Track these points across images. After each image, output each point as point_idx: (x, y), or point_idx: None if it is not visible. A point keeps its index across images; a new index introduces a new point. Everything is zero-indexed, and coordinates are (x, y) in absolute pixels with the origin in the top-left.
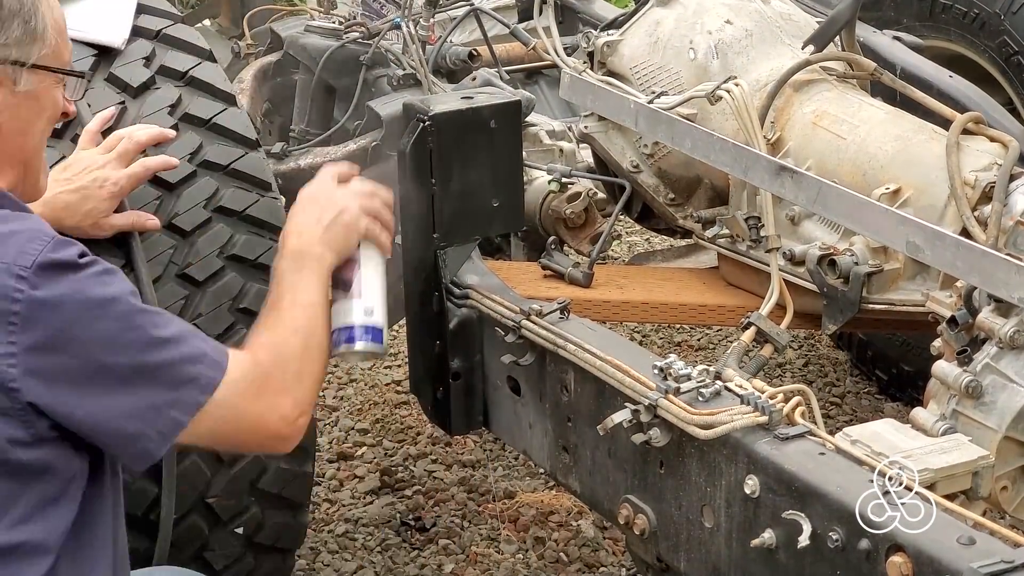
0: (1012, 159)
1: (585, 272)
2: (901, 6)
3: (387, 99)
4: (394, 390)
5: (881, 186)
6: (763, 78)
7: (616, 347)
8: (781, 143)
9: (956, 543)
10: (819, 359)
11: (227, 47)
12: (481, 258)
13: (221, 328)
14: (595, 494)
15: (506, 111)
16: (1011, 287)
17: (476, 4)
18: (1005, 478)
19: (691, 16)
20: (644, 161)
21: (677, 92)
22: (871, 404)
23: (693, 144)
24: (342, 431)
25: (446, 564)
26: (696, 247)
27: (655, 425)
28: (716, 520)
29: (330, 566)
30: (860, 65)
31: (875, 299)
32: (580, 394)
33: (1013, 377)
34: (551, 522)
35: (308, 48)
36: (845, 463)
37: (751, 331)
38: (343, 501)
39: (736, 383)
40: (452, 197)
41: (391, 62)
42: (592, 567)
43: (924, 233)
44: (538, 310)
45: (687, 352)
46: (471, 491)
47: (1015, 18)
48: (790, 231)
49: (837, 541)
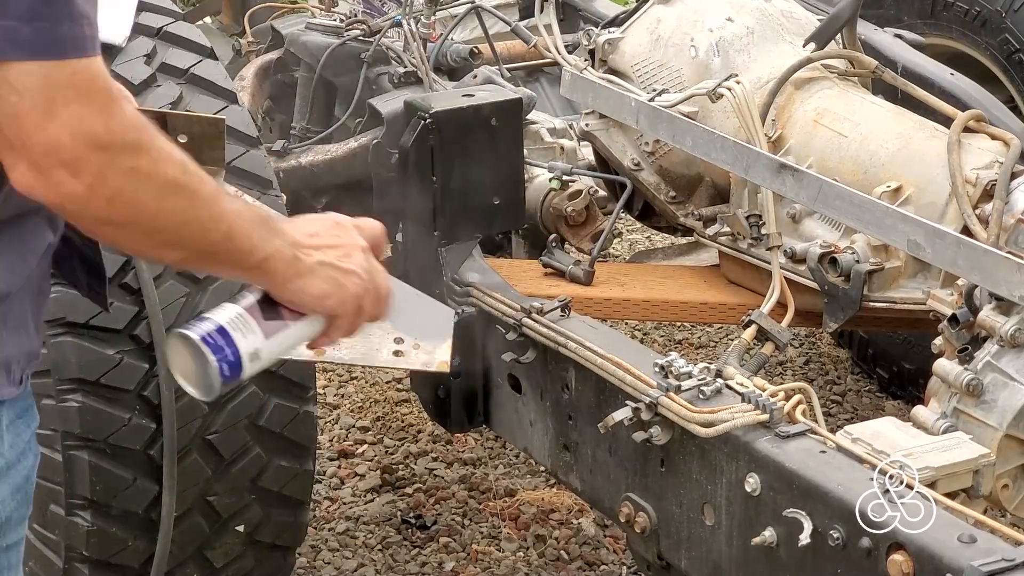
0: (1013, 157)
1: (586, 270)
2: (902, 4)
3: (388, 97)
4: (395, 388)
5: (882, 184)
6: (764, 76)
7: (617, 345)
8: (782, 141)
9: (957, 541)
10: (820, 357)
11: (228, 45)
12: (482, 256)
13: None
14: (596, 492)
15: (507, 109)
16: (1012, 285)
17: (477, 2)
18: (1006, 476)
19: (692, 14)
20: (645, 159)
21: (678, 90)
22: (872, 402)
23: (694, 142)
24: (343, 429)
25: (447, 562)
26: (697, 245)
27: (656, 423)
28: (717, 518)
29: (331, 564)
30: (861, 63)
31: (876, 297)
32: (581, 392)
33: (1014, 375)
34: (552, 520)
35: (309, 46)
36: (846, 461)
37: (752, 329)
38: (344, 499)
39: (737, 381)
40: (453, 195)
41: (392, 60)
42: (593, 565)
43: (925, 231)
44: (539, 308)
45: (688, 350)
46: (472, 489)
47: (1016, 16)
48: (791, 229)
49: (838, 539)
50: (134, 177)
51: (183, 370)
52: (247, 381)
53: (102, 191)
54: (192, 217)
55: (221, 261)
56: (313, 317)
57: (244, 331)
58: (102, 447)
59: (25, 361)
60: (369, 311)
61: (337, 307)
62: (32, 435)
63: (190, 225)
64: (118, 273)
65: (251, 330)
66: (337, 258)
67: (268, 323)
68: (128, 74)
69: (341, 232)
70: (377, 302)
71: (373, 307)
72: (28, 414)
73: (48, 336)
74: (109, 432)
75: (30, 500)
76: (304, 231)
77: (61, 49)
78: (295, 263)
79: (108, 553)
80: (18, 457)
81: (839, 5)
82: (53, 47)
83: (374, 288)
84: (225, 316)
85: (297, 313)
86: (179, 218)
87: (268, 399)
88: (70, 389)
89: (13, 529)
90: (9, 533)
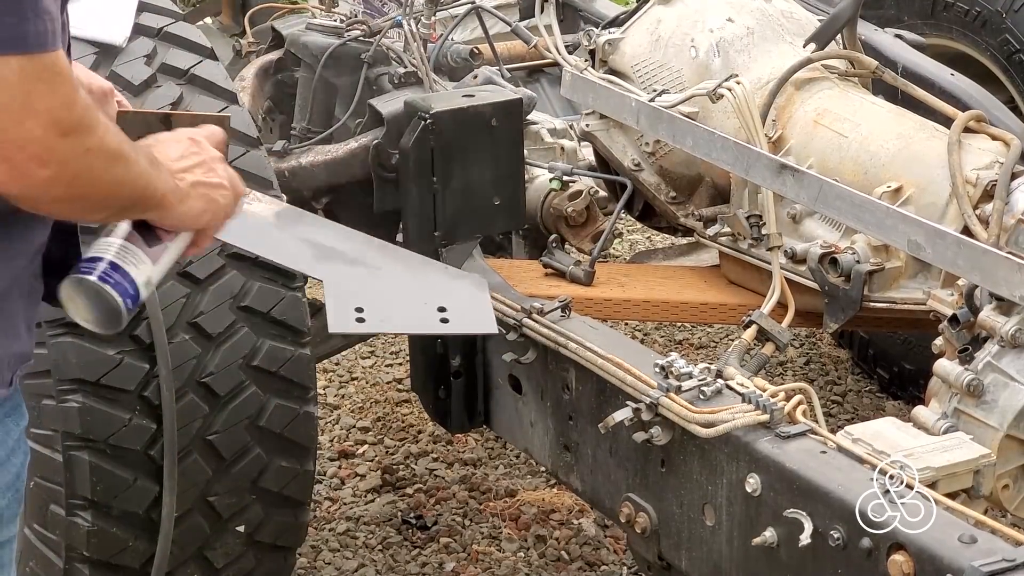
0: (1014, 157)
1: (586, 270)
2: (903, 4)
3: (388, 97)
4: (395, 388)
5: (882, 184)
6: (765, 76)
7: (617, 345)
8: (783, 141)
9: (957, 541)
10: (820, 357)
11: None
12: (482, 256)
13: (222, 326)
14: (596, 492)
15: (507, 109)
16: (1012, 285)
17: (478, 2)
18: (1006, 476)
19: (693, 14)
20: (645, 159)
21: (678, 90)
22: (872, 402)
23: (694, 142)
24: (343, 429)
25: (447, 562)
26: (697, 245)
27: (656, 423)
28: (717, 518)
29: (331, 564)
30: (862, 63)
31: (876, 297)
32: (581, 392)
33: (1014, 375)
34: (552, 520)
35: (309, 46)
36: (846, 461)
37: (752, 329)
38: (344, 499)
39: (737, 381)
40: (453, 195)
41: (392, 60)
42: (593, 565)
43: (925, 231)
44: (539, 308)
45: (688, 350)
46: (472, 489)
47: (1016, 16)
48: (791, 229)
49: (838, 539)
50: (90, 156)
51: (83, 314)
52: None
53: (63, 176)
54: (126, 178)
55: (135, 210)
56: (181, 234)
57: (134, 262)
58: (102, 447)
59: (15, 362)
60: (234, 213)
61: (211, 220)
62: (21, 433)
63: (125, 186)
64: None
65: (139, 259)
66: (204, 175)
67: (152, 249)
68: (128, 74)
69: (199, 148)
70: (237, 202)
71: (235, 208)
72: (17, 412)
73: (48, 336)
74: (109, 432)
75: (21, 498)
76: (171, 156)
77: (27, 43)
78: (177, 191)
79: (108, 553)
80: (7, 455)
81: (839, 6)
82: (21, 42)
83: (236, 193)
84: (111, 252)
85: (172, 233)
86: (119, 183)
87: (268, 400)
88: (70, 389)
89: (5, 526)
90: (1, 530)
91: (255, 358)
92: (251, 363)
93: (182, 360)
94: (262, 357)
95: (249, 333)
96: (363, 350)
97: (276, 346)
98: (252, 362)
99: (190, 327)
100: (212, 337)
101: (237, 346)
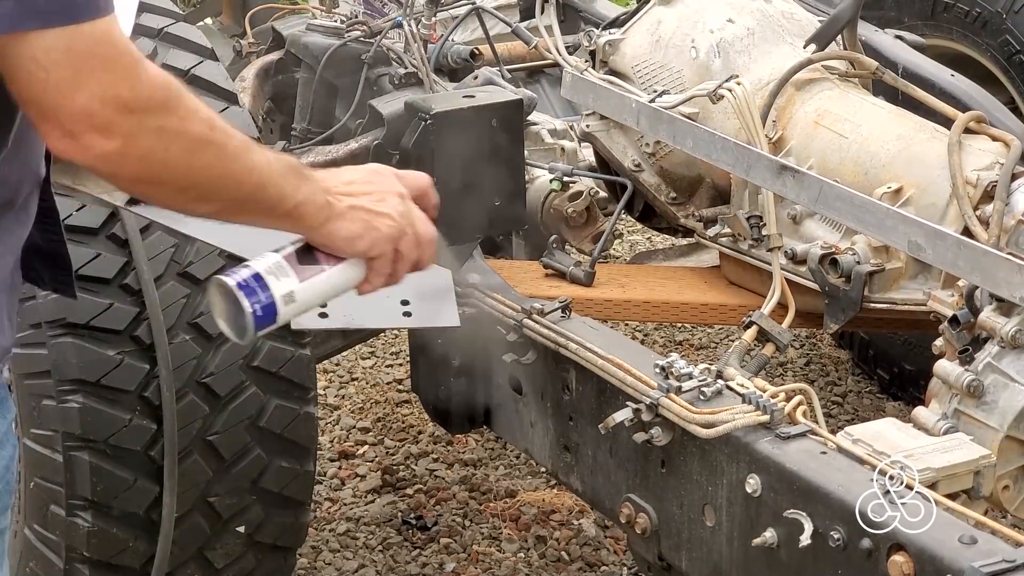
0: (1014, 158)
1: (587, 271)
2: (903, 5)
3: (389, 98)
4: (395, 389)
5: (883, 185)
6: (765, 77)
7: (617, 346)
8: (783, 142)
9: (957, 542)
10: (821, 358)
11: (229, 46)
12: (483, 257)
13: None
14: (596, 493)
15: (508, 110)
16: (1013, 286)
17: (478, 3)
18: (1007, 477)
19: (693, 15)
20: (646, 160)
21: (679, 91)
22: (873, 403)
23: (695, 143)
24: (343, 430)
25: (447, 563)
26: (698, 246)
27: (656, 424)
28: (717, 519)
29: (331, 565)
30: (862, 64)
31: (877, 298)
32: (581, 393)
33: (1015, 376)
34: (552, 521)
35: (310, 47)
36: (846, 462)
37: (753, 330)
38: (344, 500)
39: (737, 382)
40: (454, 196)
41: (393, 61)
42: (593, 566)
43: (926, 232)
44: (540, 309)
45: (688, 351)
46: (473, 490)
47: (1017, 17)
48: (792, 230)
49: (838, 540)
50: (163, 136)
51: (223, 315)
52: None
53: (134, 151)
54: (223, 171)
55: (253, 210)
56: (352, 262)
57: (278, 275)
58: (103, 448)
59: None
60: (409, 255)
61: (369, 248)
62: (8, 426)
63: (222, 179)
64: (118, 274)
65: (285, 274)
66: (370, 202)
67: (304, 267)
68: None
69: (377, 179)
70: (417, 246)
71: (413, 251)
72: (3, 406)
73: (48, 336)
74: (110, 433)
75: (11, 490)
76: (339, 179)
77: (75, 12)
78: (326, 208)
79: (109, 554)
80: None
81: (840, 6)
82: (68, 11)
83: (413, 232)
84: (263, 263)
85: (335, 258)
86: (210, 173)
87: (269, 400)
88: (71, 390)
89: None
90: None
91: (255, 358)
92: (251, 363)
93: (182, 360)
94: (262, 357)
95: None
96: (363, 351)
97: (276, 346)
98: (252, 362)
99: (190, 327)
100: (212, 337)
101: (237, 346)
